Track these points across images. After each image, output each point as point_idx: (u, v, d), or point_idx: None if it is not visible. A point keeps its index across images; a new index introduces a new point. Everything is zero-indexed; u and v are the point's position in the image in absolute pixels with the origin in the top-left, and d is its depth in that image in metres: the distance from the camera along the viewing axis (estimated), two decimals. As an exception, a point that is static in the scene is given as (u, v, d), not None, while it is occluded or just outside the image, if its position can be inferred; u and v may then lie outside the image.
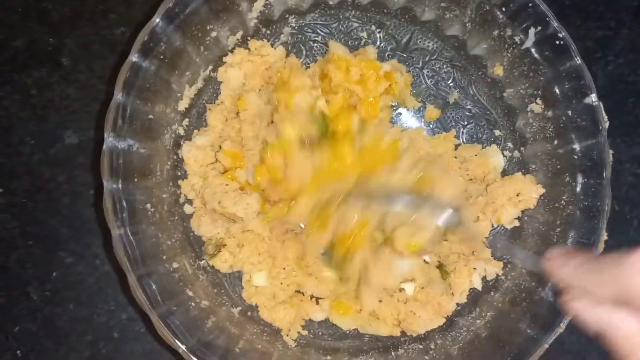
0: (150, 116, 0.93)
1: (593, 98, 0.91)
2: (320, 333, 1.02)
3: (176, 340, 0.85)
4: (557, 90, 0.94)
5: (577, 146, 0.94)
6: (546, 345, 0.89)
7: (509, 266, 1.01)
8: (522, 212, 1.01)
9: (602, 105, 0.92)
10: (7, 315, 1.02)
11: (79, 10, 1.09)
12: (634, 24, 1.12)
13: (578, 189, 0.94)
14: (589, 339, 1.02)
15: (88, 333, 1.02)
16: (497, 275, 1.01)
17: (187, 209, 1.01)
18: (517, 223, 1.02)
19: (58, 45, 1.08)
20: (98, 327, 1.02)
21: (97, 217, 1.04)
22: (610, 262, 0.56)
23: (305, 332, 1.01)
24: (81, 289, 1.03)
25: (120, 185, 0.87)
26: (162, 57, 0.91)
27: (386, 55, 1.06)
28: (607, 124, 0.92)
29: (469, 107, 1.06)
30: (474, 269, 1.01)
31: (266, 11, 1.02)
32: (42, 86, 1.07)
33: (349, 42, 1.05)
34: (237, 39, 1.03)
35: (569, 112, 0.94)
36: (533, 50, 0.95)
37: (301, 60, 1.05)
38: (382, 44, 1.06)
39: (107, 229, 0.85)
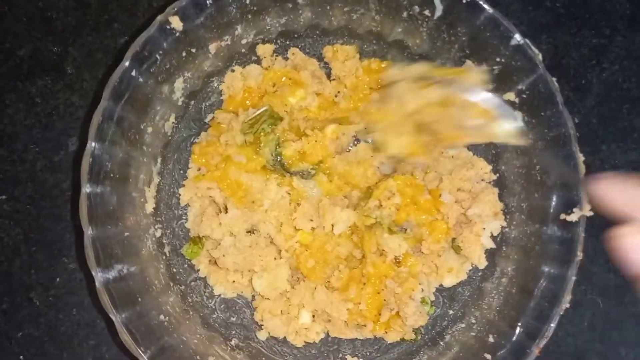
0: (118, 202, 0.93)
1: (517, 38, 0.93)
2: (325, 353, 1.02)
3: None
4: (482, 43, 0.96)
5: (521, 86, 0.95)
6: (574, 278, 0.87)
7: (508, 216, 1.01)
8: (499, 161, 1.03)
9: (529, 42, 0.93)
10: (10, 321, 1.01)
11: (83, 20, 1.11)
12: (628, 32, 1.14)
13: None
14: (585, 340, 1.03)
15: (91, 338, 1.01)
16: (502, 227, 1.01)
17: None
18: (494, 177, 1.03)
19: (62, 54, 1.10)
20: (100, 332, 1.01)
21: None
22: None
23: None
24: (84, 294, 1.02)
25: (97, 232, 0.87)
26: (112, 175, 0.91)
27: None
28: (540, 56, 0.93)
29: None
30: (483, 229, 1.00)
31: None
32: (46, 94, 1.09)
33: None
34: (173, 122, 1.04)
35: (502, 59, 0.95)
36: (445, 16, 0.97)
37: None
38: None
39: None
